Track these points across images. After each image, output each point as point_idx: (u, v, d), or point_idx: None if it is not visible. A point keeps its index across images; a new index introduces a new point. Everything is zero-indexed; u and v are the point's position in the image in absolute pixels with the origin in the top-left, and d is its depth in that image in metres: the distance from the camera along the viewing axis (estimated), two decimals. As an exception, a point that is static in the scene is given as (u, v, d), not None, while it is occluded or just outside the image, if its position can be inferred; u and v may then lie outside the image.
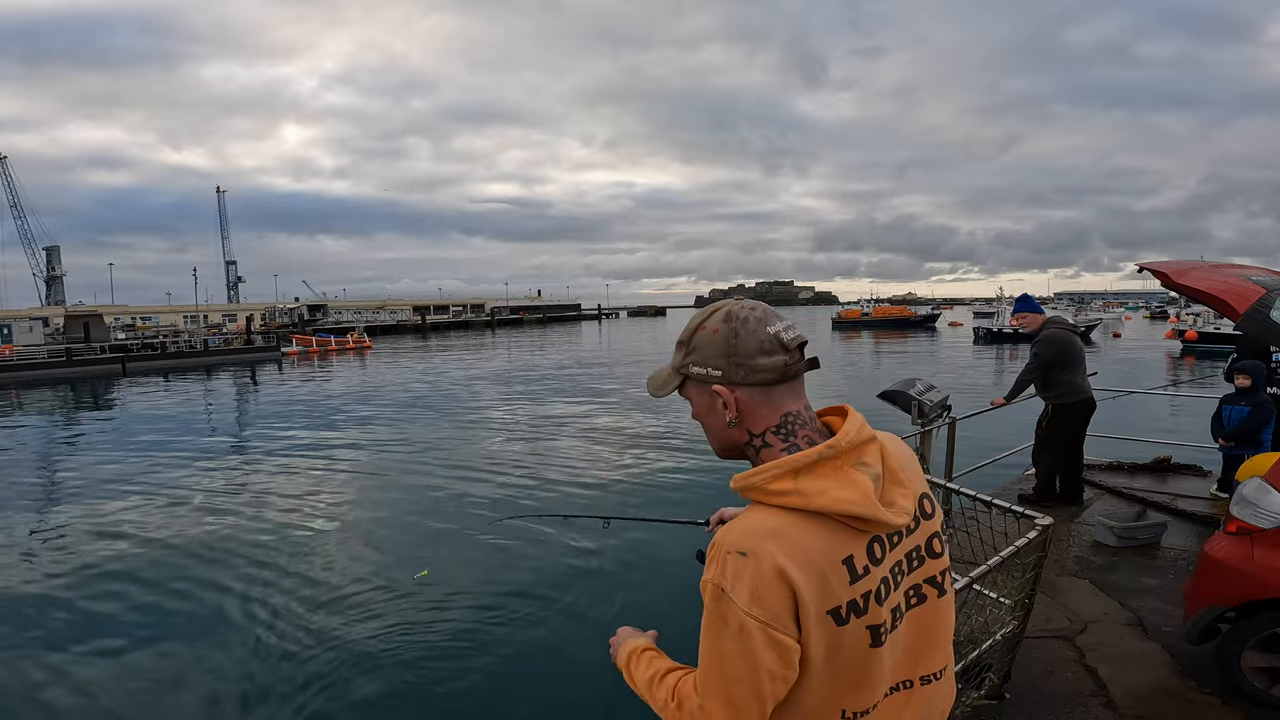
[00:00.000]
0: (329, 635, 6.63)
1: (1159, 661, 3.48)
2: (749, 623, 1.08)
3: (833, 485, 1.12)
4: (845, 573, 1.13)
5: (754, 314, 1.19)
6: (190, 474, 13.68)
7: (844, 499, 1.11)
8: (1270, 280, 3.90)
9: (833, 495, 1.12)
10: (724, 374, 1.19)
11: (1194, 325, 41.08)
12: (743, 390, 1.19)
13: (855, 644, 1.14)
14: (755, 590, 1.08)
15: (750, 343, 1.17)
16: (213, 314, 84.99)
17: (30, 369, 37.34)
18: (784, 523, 1.12)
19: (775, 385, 1.19)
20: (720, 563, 1.11)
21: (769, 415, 1.20)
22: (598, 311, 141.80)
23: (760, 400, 1.19)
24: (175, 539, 9.61)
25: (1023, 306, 6.16)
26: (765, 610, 1.08)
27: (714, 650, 1.12)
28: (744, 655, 1.09)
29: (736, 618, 1.09)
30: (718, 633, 1.11)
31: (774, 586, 1.08)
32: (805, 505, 1.11)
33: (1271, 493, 3.06)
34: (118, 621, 7.15)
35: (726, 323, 1.19)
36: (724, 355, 1.18)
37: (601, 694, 5.18)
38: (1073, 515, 5.62)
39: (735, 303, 1.22)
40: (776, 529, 1.11)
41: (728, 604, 1.09)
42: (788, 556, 1.09)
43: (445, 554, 8.77)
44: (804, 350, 1.21)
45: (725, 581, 1.10)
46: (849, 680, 1.16)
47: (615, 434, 16.73)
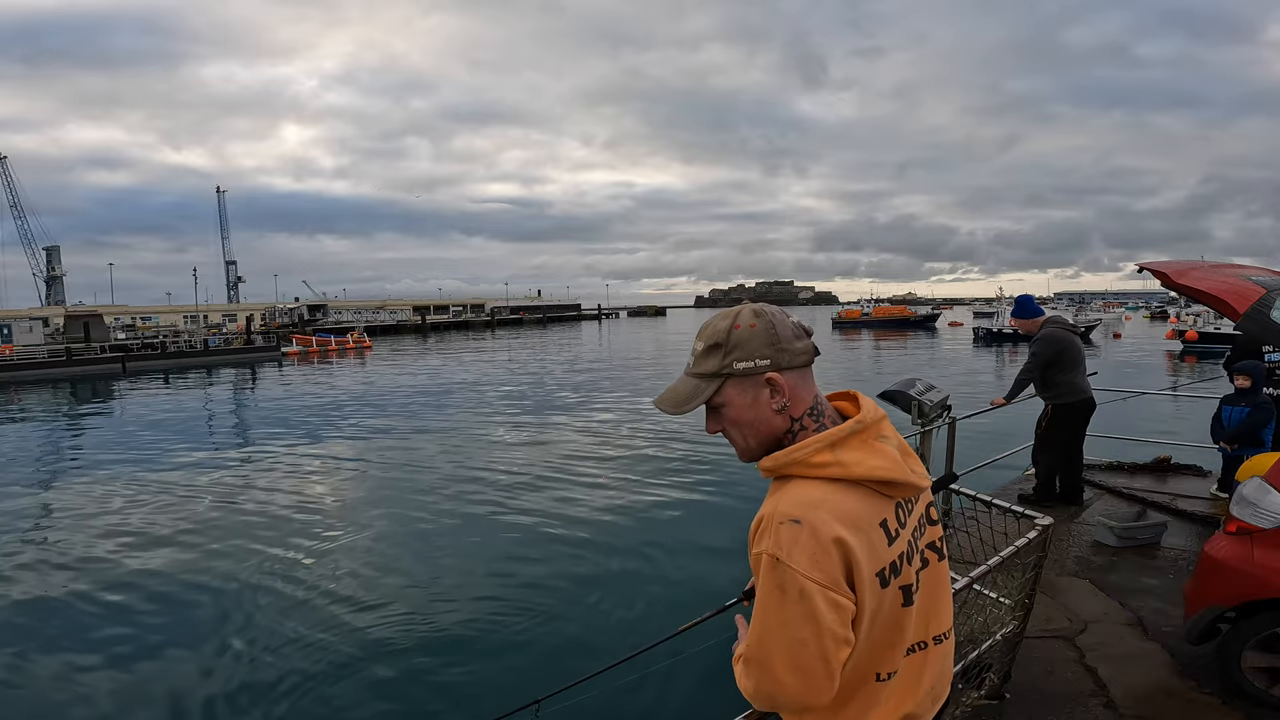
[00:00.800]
0: (328, 635, 6.63)
1: (1159, 661, 3.48)
2: (810, 586, 1.13)
3: (866, 455, 1.22)
4: (883, 535, 1.21)
5: (773, 308, 1.29)
6: (190, 474, 13.68)
7: (879, 466, 1.21)
8: (1270, 280, 3.90)
9: (869, 464, 1.21)
10: (773, 361, 1.25)
11: (1194, 325, 41.07)
12: (788, 374, 1.26)
13: (892, 605, 1.23)
14: (813, 555, 1.13)
15: (786, 330, 1.26)
16: (213, 314, 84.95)
17: (30, 369, 37.37)
18: (827, 492, 1.19)
19: (807, 368, 1.29)
20: (773, 533, 1.16)
21: (806, 397, 1.28)
22: (598, 312, 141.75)
23: (800, 383, 1.28)
24: (174, 539, 9.61)
25: (1019, 310, 6.12)
26: (824, 574, 1.14)
27: (775, 619, 1.15)
28: (807, 619, 1.13)
29: (796, 584, 1.13)
30: (778, 602, 1.15)
31: (830, 550, 1.14)
32: (845, 474, 1.20)
33: (1271, 493, 3.06)
34: (117, 621, 7.15)
35: (759, 317, 1.26)
36: (770, 344, 1.25)
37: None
38: (1073, 515, 5.62)
39: (750, 304, 1.30)
40: (822, 498, 1.18)
41: (785, 571, 1.13)
42: (839, 521, 1.16)
43: (444, 555, 8.77)
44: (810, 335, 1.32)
45: (781, 550, 1.14)
46: (885, 642, 1.24)
47: (615, 434, 16.74)
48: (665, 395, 1.32)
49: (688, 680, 5.33)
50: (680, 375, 1.34)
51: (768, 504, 1.22)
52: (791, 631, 1.14)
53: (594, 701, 4.67)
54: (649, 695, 5.27)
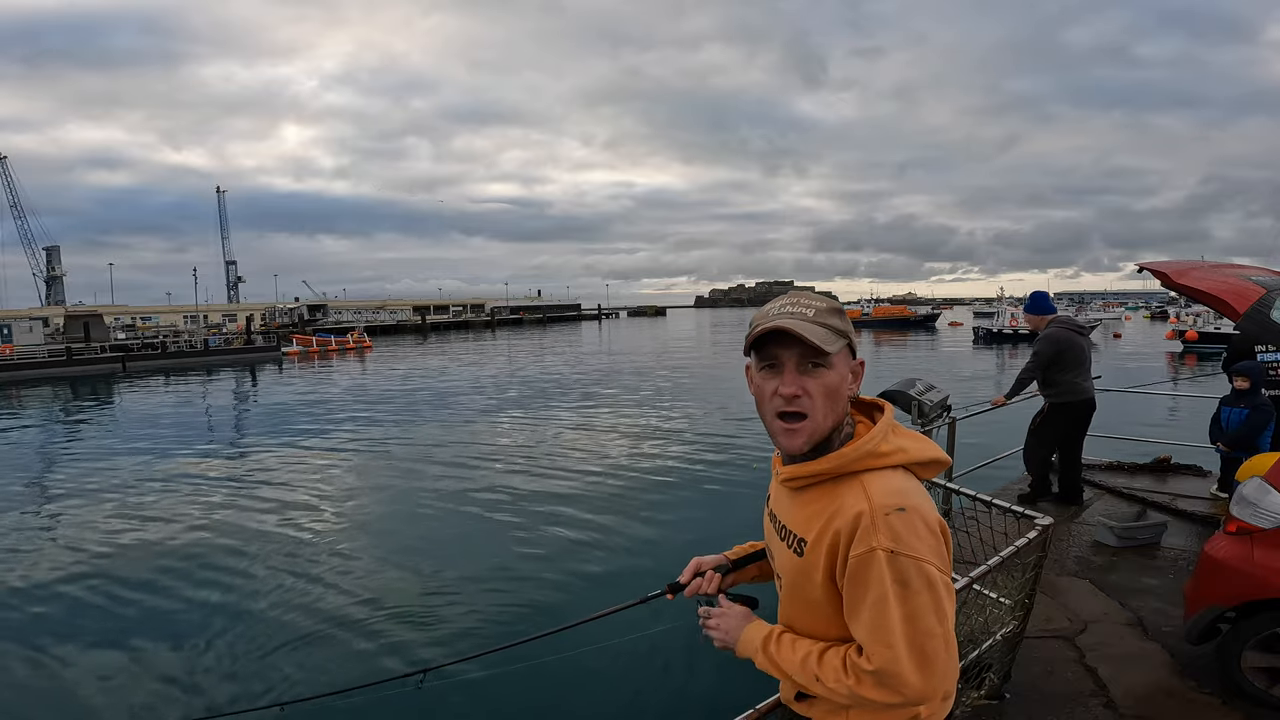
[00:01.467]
0: (324, 635, 6.64)
1: (1159, 661, 3.48)
2: (934, 573, 1.13)
3: (911, 441, 1.27)
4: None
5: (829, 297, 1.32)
6: (190, 474, 13.68)
7: (929, 449, 1.27)
8: (1270, 280, 3.91)
9: (920, 447, 1.26)
10: (853, 345, 1.28)
11: (1194, 325, 41.07)
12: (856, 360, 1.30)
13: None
14: (929, 540, 1.15)
15: (847, 319, 1.29)
16: (213, 314, 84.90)
17: (30, 368, 37.36)
18: (902, 480, 1.22)
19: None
20: (884, 526, 1.13)
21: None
22: (598, 311, 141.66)
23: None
24: (174, 538, 9.61)
25: (1030, 305, 6.12)
26: (940, 558, 1.16)
27: (899, 616, 1.12)
28: (934, 607, 1.13)
29: (922, 573, 1.12)
30: (900, 597, 1.12)
31: (938, 533, 1.17)
32: (907, 459, 1.23)
33: (1271, 493, 3.06)
34: (116, 621, 7.16)
35: (827, 299, 1.28)
36: (849, 328, 1.27)
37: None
38: (1073, 515, 5.62)
39: (814, 291, 1.34)
40: (907, 485, 1.21)
41: (906, 562, 1.12)
42: (928, 502, 1.19)
43: (442, 556, 8.77)
44: None
45: (899, 542, 1.13)
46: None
47: (614, 434, 16.74)
48: (799, 324, 1.20)
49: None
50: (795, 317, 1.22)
51: (853, 502, 1.17)
52: (919, 624, 1.11)
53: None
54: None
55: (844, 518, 1.17)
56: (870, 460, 1.21)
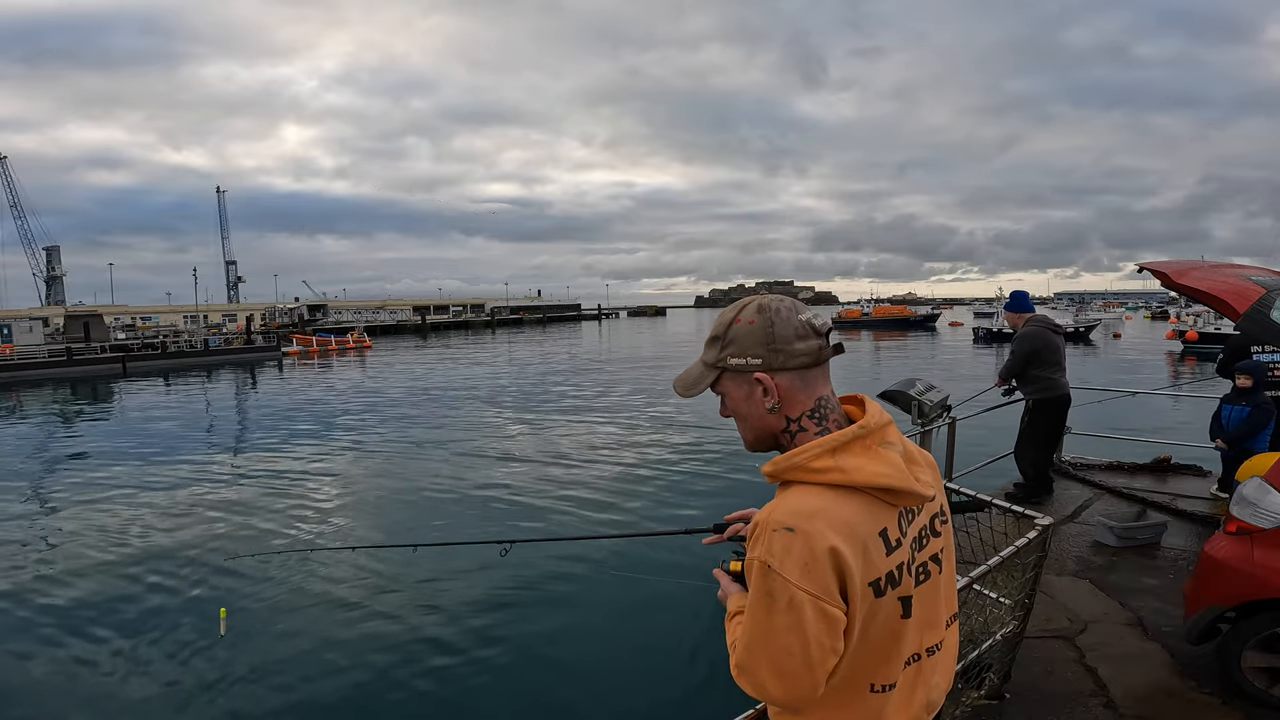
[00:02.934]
0: (322, 635, 6.64)
1: (1159, 661, 3.48)
2: (800, 596, 1.12)
3: (868, 461, 1.20)
4: (882, 545, 1.18)
5: (784, 304, 1.27)
6: (190, 474, 13.68)
7: (881, 473, 1.19)
8: (1270, 280, 3.90)
9: (870, 470, 1.19)
10: (764, 361, 1.24)
11: (1195, 326, 41.05)
12: (782, 375, 1.25)
13: (888, 615, 1.20)
14: (806, 565, 1.12)
15: (786, 329, 1.24)
16: (213, 314, 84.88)
17: (31, 369, 37.35)
18: (825, 500, 1.17)
19: (810, 369, 1.26)
20: (767, 540, 1.15)
21: (805, 399, 1.27)
22: (598, 311, 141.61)
23: (798, 385, 1.26)
24: (174, 539, 9.61)
25: (1010, 304, 6.38)
26: (816, 584, 1.12)
27: (763, 626, 1.15)
28: (795, 629, 1.12)
29: (786, 592, 1.12)
30: (766, 609, 1.14)
31: (823, 561, 1.12)
32: (845, 480, 1.18)
33: (1271, 493, 3.06)
34: (116, 620, 7.16)
35: (761, 314, 1.25)
36: (763, 344, 1.24)
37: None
38: (1073, 515, 5.62)
39: (764, 296, 1.28)
40: (820, 506, 1.16)
41: (776, 579, 1.12)
42: (834, 531, 1.14)
43: (440, 562, 8.77)
44: (830, 336, 1.28)
45: (773, 559, 1.13)
46: (880, 652, 1.21)
47: (615, 436, 16.74)
48: (679, 377, 1.35)
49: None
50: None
51: (765, 509, 1.20)
52: (778, 640, 1.13)
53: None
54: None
55: (753, 522, 1.21)
56: (797, 474, 1.20)
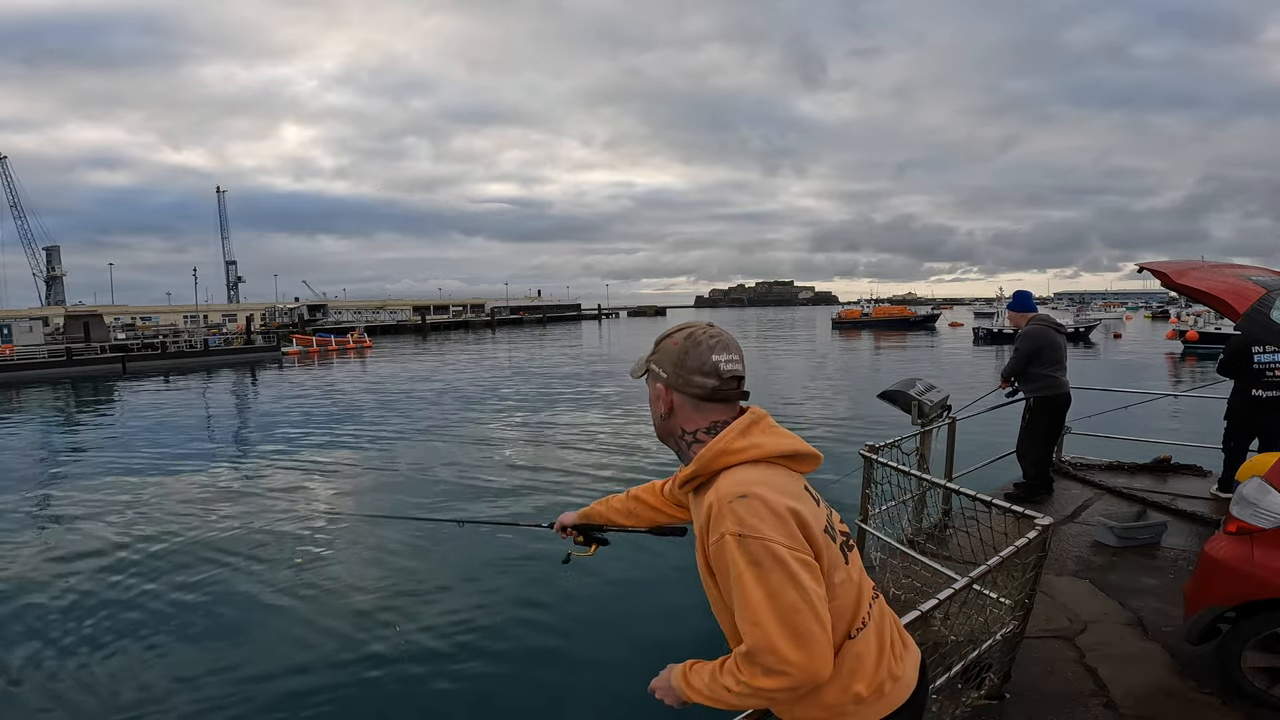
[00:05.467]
0: (320, 634, 6.64)
1: (1159, 661, 3.48)
2: (780, 550, 1.21)
3: (771, 437, 1.40)
4: (810, 500, 1.37)
5: (710, 340, 1.43)
6: (190, 474, 13.67)
7: (787, 443, 1.39)
8: (1270, 280, 3.89)
9: (777, 442, 1.38)
10: (668, 378, 1.44)
11: (1195, 326, 41.04)
12: (678, 395, 1.44)
13: (837, 560, 1.36)
14: (772, 521, 1.23)
15: (694, 362, 1.41)
16: (213, 314, 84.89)
17: (30, 369, 37.35)
18: (755, 471, 1.32)
19: (705, 401, 1.42)
20: (729, 514, 1.25)
21: (698, 419, 1.44)
22: (598, 311, 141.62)
23: (690, 407, 1.44)
24: (174, 539, 9.60)
25: (1014, 303, 6.41)
26: (787, 535, 1.23)
27: (762, 593, 1.20)
28: (790, 582, 1.20)
29: (768, 551, 1.21)
30: (756, 576, 1.21)
31: (784, 514, 1.25)
32: (762, 453, 1.35)
33: (1271, 493, 3.06)
34: (115, 621, 7.15)
35: (685, 340, 1.44)
36: (672, 364, 1.44)
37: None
38: (1073, 515, 5.62)
39: (700, 326, 1.47)
40: (755, 475, 1.31)
41: (753, 543, 1.21)
42: (777, 490, 1.29)
43: (439, 558, 8.77)
44: (739, 382, 1.44)
45: (744, 526, 1.23)
46: (846, 597, 1.34)
47: (616, 438, 16.74)
48: (637, 362, 1.55)
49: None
50: None
51: (708, 497, 1.32)
52: (782, 600, 1.19)
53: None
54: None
55: (702, 512, 1.32)
56: (725, 458, 1.35)
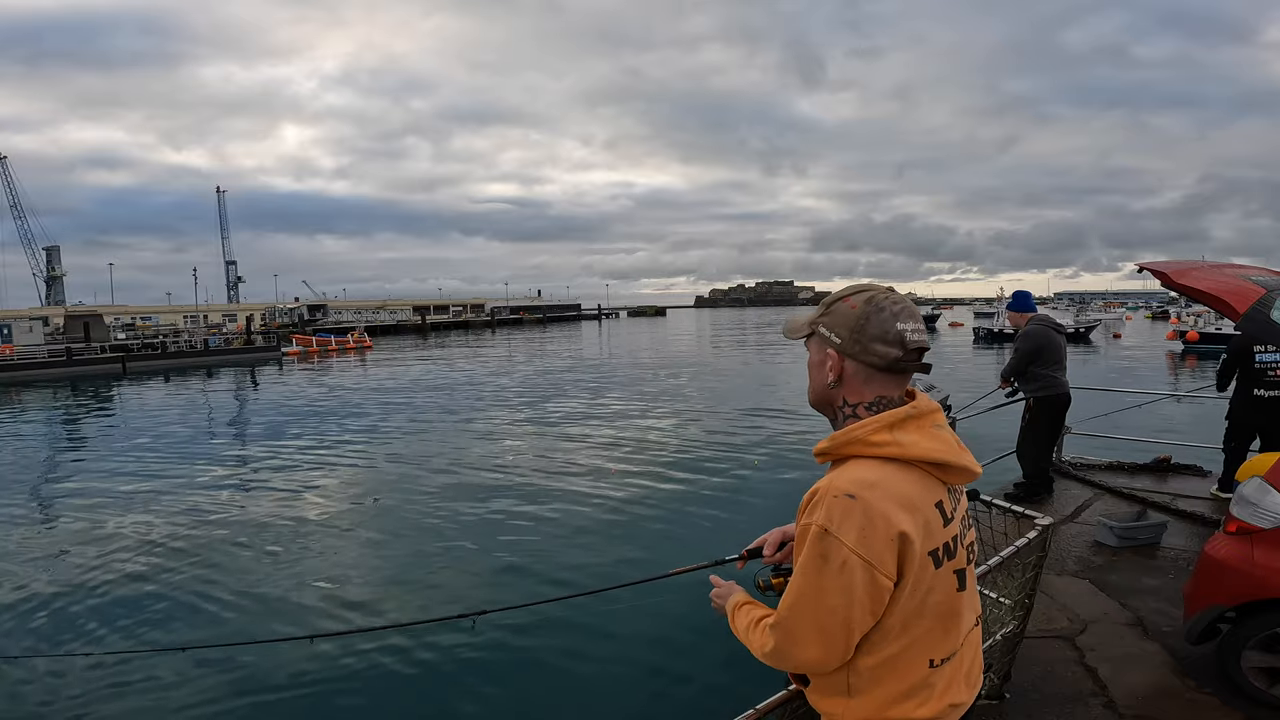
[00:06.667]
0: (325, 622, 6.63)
1: (1159, 661, 3.48)
2: (853, 560, 1.18)
3: (923, 438, 1.28)
4: (939, 516, 1.27)
5: (893, 306, 1.31)
6: (189, 474, 13.67)
7: (936, 448, 1.27)
8: (1270, 280, 3.89)
9: (925, 445, 1.27)
10: (842, 343, 1.33)
11: (1195, 326, 41.03)
12: (850, 362, 1.33)
13: (946, 588, 1.27)
14: (862, 531, 1.18)
15: (876, 329, 1.30)
16: (213, 314, 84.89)
17: (30, 369, 37.37)
18: (884, 472, 1.24)
19: (881, 371, 1.31)
20: (825, 506, 1.21)
21: (865, 392, 1.34)
22: (598, 311, 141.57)
23: (861, 377, 1.33)
24: (174, 539, 9.60)
25: (1014, 303, 6.40)
26: (870, 551, 1.18)
27: (812, 585, 1.21)
28: (843, 590, 1.18)
29: (840, 555, 1.18)
30: (817, 570, 1.20)
31: (879, 528, 1.18)
32: (902, 454, 1.25)
33: (1271, 493, 3.06)
34: (116, 619, 7.16)
35: (866, 304, 1.32)
36: (849, 329, 1.32)
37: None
38: (1073, 515, 5.62)
39: (879, 289, 1.35)
40: (879, 478, 1.23)
41: (831, 542, 1.19)
42: (893, 502, 1.21)
43: (441, 556, 8.77)
44: (920, 354, 1.33)
45: (831, 523, 1.19)
46: (940, 626, 1.28)
47: (616, 429, 16.74)
48: (789, 320, 1.47)
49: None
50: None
51: (825, 479, 1.27)
52: (826, 599, 1.19)
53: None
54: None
55: (811, 491, 1.28)
56: (855, 448, 1.27)
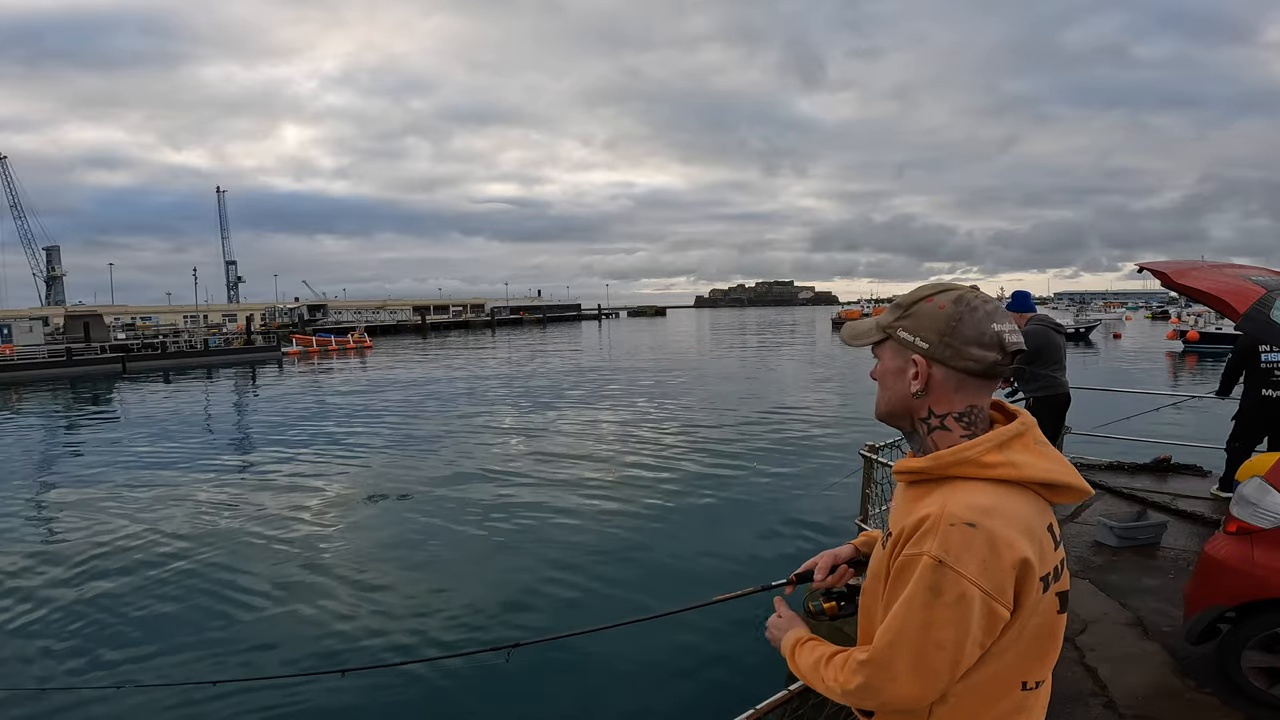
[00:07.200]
0: (317, 637, 6.63)
1: (1159, 661, 3.48)
2: (972, 592, 1.09)
3: (1035, 457, 1.18)
4: (1050, 540, 1.19)
5: (986, 307, 1.21)
6: (191, 474, 13.67)
7: (1051, 468, 1.18)
8: (1270, 280, 3.89)
9: (1040, 465, 1.17)
10: (930, 348, 1.21)
11: (1195, 326, 41.02)
12: (939, 368, 1.22)
13: (1048, 611, 1.19)
14: (984, 561, 1.09)
15: (971, 330, 1.19)
16: (213, 314, 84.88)
17: (30, 369, 37.35)
18: (997, 495, 1.15)
19: (974, 377, 1.21)
20: (942, 535, 1.11)
21: (955, 401, 1.23)
22: (598, 311, 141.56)
23: (953, 385, 1.22)
24: (174, 539, 9.60)
25: (1013, 303, 6.39)
26: (991, 581, 1.10)
27: (919, 620, 1.11)
28: (956, 624, 1.10)
29: (958, 588, 1.09)
30: (925, 604, 1.11)
31: (1003, 558, 1.10)
32: (1017, 476, 1.16)
33: (1271, 493, 3.06)
34: (116, 619, 7.15)
35: (956, 304, 1.21)
36: (939, 332, 1.21)
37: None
38: (1073, 515, 5.62)
39: (966, 288, 1.25)
40: (994, 502, 1.14)
41: (947, 574, 1.09)
42: (1014, 528, 1.12)
43: (441, 557, 8.77)
44: (1014, 358, 1.23)
45: (948, 554, 1.10)
46: (1037, 649, 1.20)
47: (616, 429, 16.75)
48: (849, 326, 1.36)
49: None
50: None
51: (930, 505, 1.16)
52: (933, 634, 1.11)
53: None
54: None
55: (914, 516, 1.16)
56: (967, 468, 1.17)
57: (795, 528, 9.34)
